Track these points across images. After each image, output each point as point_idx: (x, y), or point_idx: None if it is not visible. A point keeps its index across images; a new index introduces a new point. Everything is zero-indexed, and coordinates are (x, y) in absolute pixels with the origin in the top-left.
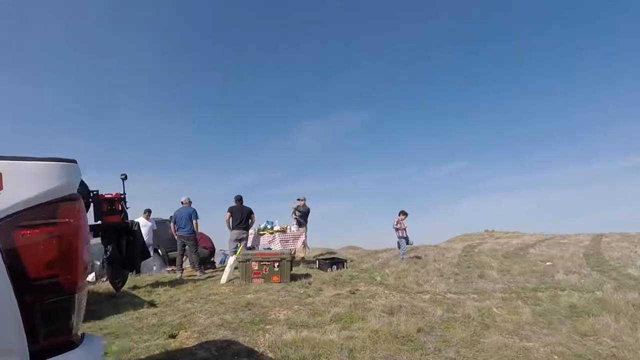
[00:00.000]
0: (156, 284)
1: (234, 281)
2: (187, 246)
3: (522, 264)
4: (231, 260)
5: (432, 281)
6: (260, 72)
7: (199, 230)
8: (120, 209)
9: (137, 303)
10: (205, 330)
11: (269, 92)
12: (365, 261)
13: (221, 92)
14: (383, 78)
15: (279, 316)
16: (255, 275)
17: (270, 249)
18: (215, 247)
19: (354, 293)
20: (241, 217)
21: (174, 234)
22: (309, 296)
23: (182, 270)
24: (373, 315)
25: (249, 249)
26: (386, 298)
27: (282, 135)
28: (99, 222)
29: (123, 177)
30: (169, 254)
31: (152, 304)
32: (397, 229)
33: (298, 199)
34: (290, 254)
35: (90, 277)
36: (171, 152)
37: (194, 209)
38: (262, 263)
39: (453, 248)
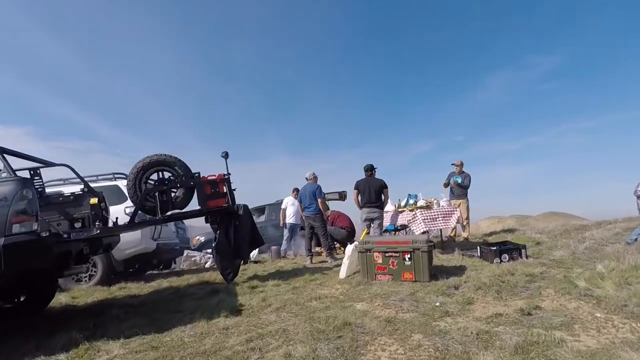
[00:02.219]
0: (271, 275)
1: (356, 276)
2: (314, 228)
3: None
4: (349, 249)
5: None
6: (435, 27)
7: (330, 209)
8: (224, 191)
9: (221, 307)
10: None
11: (444, 51)
12: (561, 245)
13: (394, 58)
14: (580, 11)
15: (379, 357)
16: (379, 271)
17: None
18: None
19: (529, 314)
20: (369, 193)
21: (302, 214)
22: (447, 314)
23: (312, 255)
24: None
25: (402, 227)
26: (598, 332)
27: (462, 94)
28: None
29: (224, 155)
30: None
31: (235, 311)
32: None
33: (453, 164)
34: (428, 242)
35: (208, 264)
36: (348, 128)
37: (319, 186)
38: (387, 254)
39: None
